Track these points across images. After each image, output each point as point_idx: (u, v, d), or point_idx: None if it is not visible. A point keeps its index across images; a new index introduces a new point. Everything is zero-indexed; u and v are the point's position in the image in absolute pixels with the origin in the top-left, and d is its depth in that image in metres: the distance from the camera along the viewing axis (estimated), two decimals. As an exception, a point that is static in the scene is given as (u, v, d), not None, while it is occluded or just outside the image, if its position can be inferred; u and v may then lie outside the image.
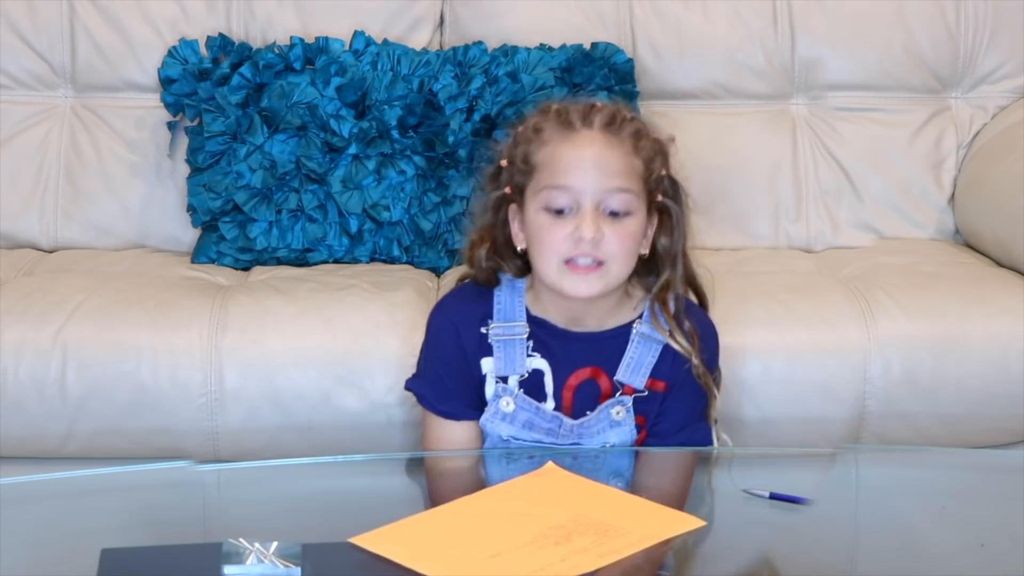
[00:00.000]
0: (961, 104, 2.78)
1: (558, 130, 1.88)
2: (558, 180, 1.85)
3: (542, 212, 1.87)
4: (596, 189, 1.85)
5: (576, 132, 1.87)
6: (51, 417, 2.23)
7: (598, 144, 1.86)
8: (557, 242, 1.86)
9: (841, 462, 2.10)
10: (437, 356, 1.97)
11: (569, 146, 1.86)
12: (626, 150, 1.87)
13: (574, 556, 1.64)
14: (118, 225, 2.65)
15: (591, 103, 1.91)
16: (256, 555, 1.57)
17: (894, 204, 2.71)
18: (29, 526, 1.79)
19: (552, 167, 1.86)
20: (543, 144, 1.88)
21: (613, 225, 1.86)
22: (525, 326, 1.94)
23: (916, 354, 2.28)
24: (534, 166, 1.88)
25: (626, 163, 1.87)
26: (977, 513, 1.83)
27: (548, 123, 1.90)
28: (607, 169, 1.86)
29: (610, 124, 1.88)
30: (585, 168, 1.85)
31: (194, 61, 2.61)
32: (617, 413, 1.94)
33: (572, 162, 1.86)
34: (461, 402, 1.96)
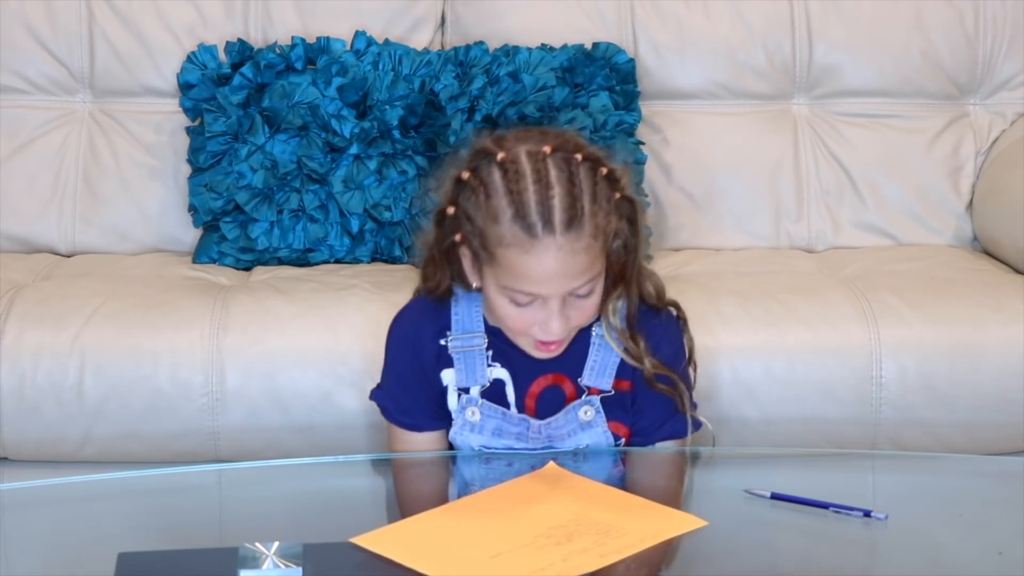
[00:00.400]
0: (979, 110, 2.78)
1: (517, 233, 1.75)
2: (521, 286, 1.78)
3: (504, 296, 1.81)
4: (561, 291, 1.79)
5: (537, 239, 1.75)
6: (68, 421, 2.23)
7: (563, 251, 1.75)
8: (522, 325, 1.82)
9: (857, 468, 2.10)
10: (397, 369, 1.95)
11: (530, 257, 1.76)
12: (587, 243, 1.77)
13: (575, 556, 1.63)
14: (136, 230, 2.65)
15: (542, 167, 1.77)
16: (272, 560, 1.57)
17: (912, 210, 2.71)
18: (46, 530, 1.79)
19: (515, 272, 1.77)
20: (503, 242, 1.76)
21: (580, 302, 1.81)
22: (484, 336, 1.90)
23: (932, 360, 2.27)
24: (492, 253, 1.78)
25: (589, 255, 1.78)
26: (995, 521, 1.82)
27: (503, 211, 1.76)
28: (573, 272, 1.78)
29: (571, 221, 1.75)
30: (550, 278, 1.77)
31: (213, 66, 2.61)
32: (585, 413, 1.92)
33: (535, 274, 1.77)
34: (423, 414, 1.94)
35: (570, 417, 1.92)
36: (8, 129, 2.67)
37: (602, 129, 2.58)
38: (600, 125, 2.58)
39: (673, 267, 2.55)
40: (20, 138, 2.67)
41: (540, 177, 1.77)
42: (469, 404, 1.91)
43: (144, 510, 1.89)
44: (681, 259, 2.60)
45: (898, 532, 1.79)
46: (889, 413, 2.27)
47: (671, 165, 2.71)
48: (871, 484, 2.08)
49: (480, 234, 1.79)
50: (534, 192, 1.76)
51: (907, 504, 1.91)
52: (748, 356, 2.27)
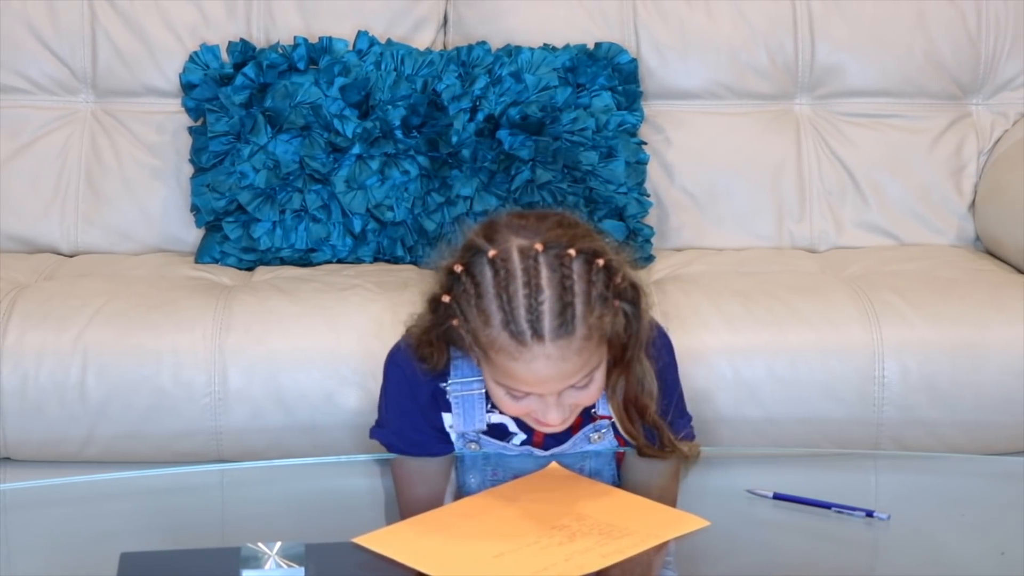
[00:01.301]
0: (982, 110, 2.78)
1: (507, 341, 1.71)
2: (515, 385, 1.75)
3: (500, 388, 1.78)
4: (556, 390, 1.75)
5: (526, 348, 1.70)
6: (71, 421, 2.23)
7: (553, 358, 1.71)
8: (519, 414, 1.80)
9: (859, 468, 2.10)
10: (397, 406, 1.92)
11: (522, 364, 1.71)
12: (580, 345, 1.72)
13: (578, 556, 1.63)
14: (138, 230, 2.65)
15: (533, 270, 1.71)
16: (274, 560, 1.57)
17: (914, 210, 2.71)
18: (49, 530, 1.80)
19: (507, 372, 1.74)
20: (493, 347, 1.72)
21: (579, 393, 1.78)
22: (482, 381, 1.85)
23: (935, 360, 2.27)
24: (486, 352, 1.74)
25: (582, 356, 1.73)
26: (997, 521, 1.82)
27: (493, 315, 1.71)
28: (567, 373, 1.73)
29: (561, 327, 1.70)
30: (543, 380, 1.73)
31: (215, 66, 2.61)
32: (597, 438, 1.91)
33: (527, 378, 1.73)
34: (430, 438, 1.91)
35: (578, 442, 1.90)
36: (10, 129, 2.67)
37: (604, 129, 2.58)
38: (602, 125, 2.58)
39: (675, 267, 2.55)
40: (22, 138, 2.67)
41: (530, 279, 1.72)
42: (468, 441, 1.90)
43: (146, 510, 1.89)
44: (683, 259, 2.60)
45: (900, 532, 1.79)
46: (891, 413, 2.27)
47: (673, 165, 2.71)
48: (873, 484, 2.08)
49: (473, 333, 1.74)
50: (523, 297, 1.71)
51: (909, 504, 1.91)
52: (750, 356, 2.27)
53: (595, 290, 1.74)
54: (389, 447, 1.94)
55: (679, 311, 2.29)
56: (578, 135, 2.57)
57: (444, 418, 1.90)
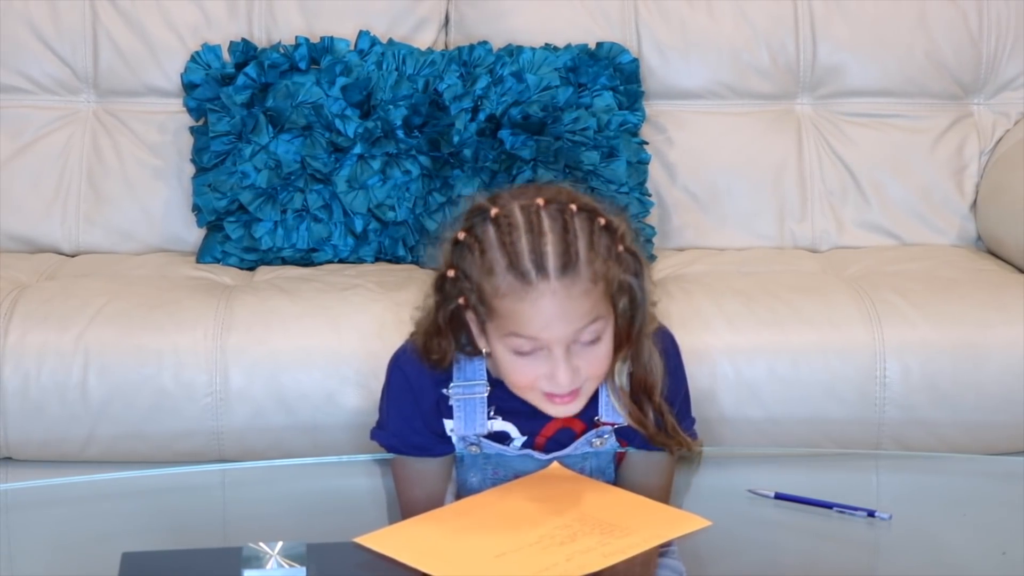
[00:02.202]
0: (983, 110, 2.78)
1: (511, 281, 1.73)
2: (522, 331, 1.74)
3: (509, 352, 1.77)
4: (564, 336, 1.74)
5: (532, 286, 1.72)
6: (72, 421, 2.23)
7: (559, 295, 1.72)
8: (529, 379, 1.78)
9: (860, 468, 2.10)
10: (400, 410, 1.92)
11: (527, 303, 1.73)
12: (585, 286, 1.74)
13: (579, 556, 1.63)
14: (140, 229, 2.65)
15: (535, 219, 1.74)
16: (276, 559, 1.57)
17: (915, 210, 2.71)
18: (50, 530, 1.80)
19: (514, 319, 1.74)
20: (498, 293, 1.74)
21: (588, 351, 1.77)
22: (486, 385, 1.87)
23: (936, 360, 2.27)
24: (492, 307, 1.76)
25: (589, 299, 1.74)
26: (999, 520, 1.82)
27: (497, 262, 1.74)
28: (572, 316, 1.74)
29: (565, 267, 1.73)
30: (550, 322, 1.73)
31: (217, 66, 2.61)
32: (599, 444, 1.90)
33: (535, 319, 1.73)
34: (430, 440, 1.91)
35: (579, 447, 1.90)
36: (12, 129, 2.67)
37: (606, 129, 2.58)
38: (604, 125, 2.58)
39: (677, 267, 2.55)
40: (24, 138, 2.67)
41: (533, 227, 1.74)
42: (469, 444, 1.89)
43: (148, 510, 1.89)
44: (685, 259, 2.60)
45: (902, 532, 1.79)
46: (893, 413, 2.27)
47: (675, 165, 2.71)
48: (875, 484, 2.08)
49: (478, 289, 1.76)
50: (527, 241, 1.73)
51: (911, 504, 1.91)
52: (752, 356, 2.27)
53: (598, 241, 1.76)
54: (389, 448, 1.94)
55: (680, 311, 2.29)
56: (579, 135, 2.56)
57: (445, 424, 1.90)
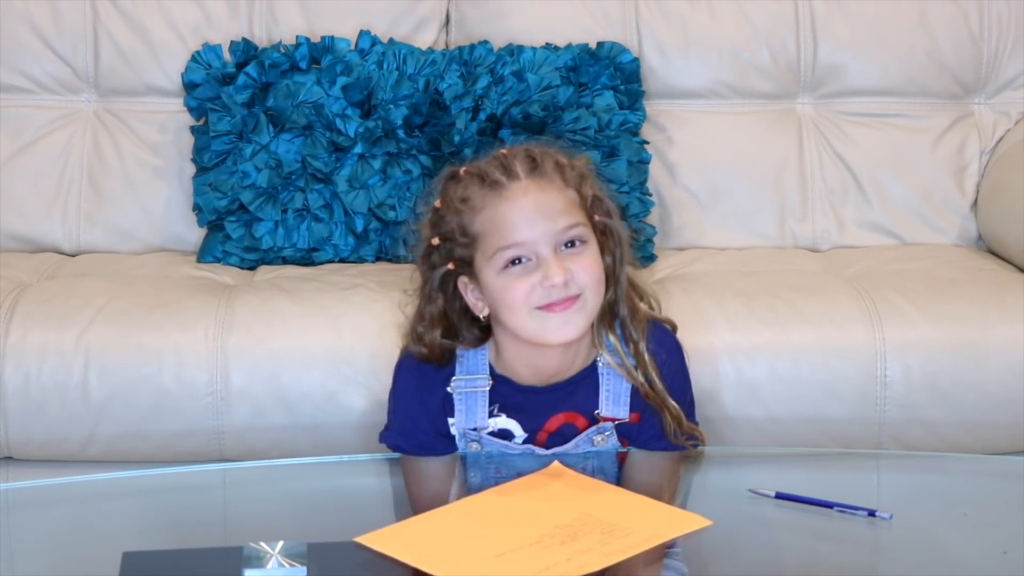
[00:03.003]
0: (984, 110, 2.78)
1: (486, 193, 1.84)
2: (508, 239, 1.81)
3: (501, 272, 1.82)
4: (548, 233, 1.81)
5: (505, 188, 1.83)
6: (73, 420, 2.23)
7: (531, 191, 1.83)
8: (526, 294, 1.82)
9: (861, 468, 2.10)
10: (405, 412, 1.94)
11: (505, 204, 1.82)
12: (558, 186, 1.84)
13: (580, 555, 1.64)
14: (140, 229, 2.65)
15: (502, 152, 1.88)
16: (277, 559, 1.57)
17: (916, 210, 2.71)
18: (51, 529, 1.80)
19: (496, 230, 1.82)
20: (476, 211, 1.84)
21: (575, 258, 1.83)
22: (488, 379, 1.89)
23: (937, 359, 2.27)
24: (476, 236, 1.84)
25: (563, 198, 1.84)
26: (999, 520, 1.82)
27: (472, 190, 1.85)
28: (550, 211, 1.82)
29: (533, 168, 1.85)
30: (530, 218, 1.81)
31: (217, 66, 2.61)
32: (600, 441, 1.91)
33: (514, 218, 1.81)
34: (435, 442, 1.93)
35: (581, 444, 1.90)
36: (12, 128, 2.67)
37: (606, 128, 2.58)
38: (604, 124, 2.58)
39: (678, 266, 2.55)
40: (24, 137, 2.67)
41: (498, 157, 1.86)
42: (471, 439, 1.90)
43: (149, 509, 1.89)
44: (686, 258, 2.60)
45: (903, 532, 1.79)
46: (894, 412, 2.27)
47: (676, 164, 2.71)
48: (875, 484, 2.08)
49: (460, 229, 1.83)
50: (495, 161, 1.86)
51: (912, 504, 1.91)
52: (753, 355, 2.27)
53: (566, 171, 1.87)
54: (395, 448, 1.95)
55: (681, 310, 2.29)
56: (580, 134, 2.56)
57: (449, 423, 1.90)
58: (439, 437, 1.91)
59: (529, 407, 1.88)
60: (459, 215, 1.84)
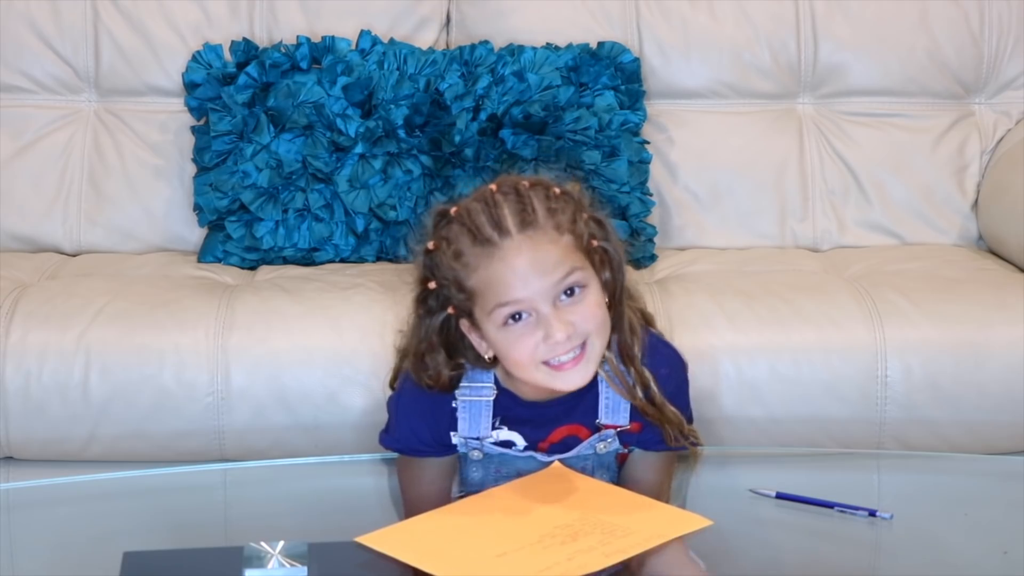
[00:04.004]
0: (985, 110, 2.78)
1: (478, 252, 1.76)
2: (504, 297, 1.76)
3: (502, 328, 1.78)
4: (545, 289, 1.75)
5: (497, 247, 1.76)
6: (74, 420, 2.23)
7: (525, 249, 1.75)
8: (531, 352, 1.77)
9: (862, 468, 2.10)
10: (408, 423, 1.91)
11: (498, 264, 1.75)
12: (551, 237, 1.77)
13: (580, 555, 1.64)
14: (141, 229, 2.65)
15: (491, 195, 1.79)
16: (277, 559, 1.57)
17: (917, 210, 2.71)
18: (52, 529, 1.80)
19: (491, 289, 1.76)
20: (470, 269, 1.77)
21: (576, 307, 1.77)
22: (493, 389, 1.87)
23: (938, 359, 2.27)
24: (472, 291, 1.78)
25: (557, 248, 1.77)
26: (1000, 520, 1.83)
27: (464, 244, 1.78)
28: (545, 266, 1.76)
29: (523, 221, 1.76)
30: (525, 277, 1.75)
31: (218, 66, 2.61)
32: (603, 448, 1.90)
33: (509, 278, 1.75)
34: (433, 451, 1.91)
35: (583, 451, 1.90)
36: (13, 128, 2.67)
37: (607, 128, 2.58)
38: (605, 124, 2.58)
39: (678, 266, 2.55)
40: (25, 137, 2.67)
41: (488, 204, 1.78)
42: (472, 447, 1.89)
43: (149, 509, 1.89)
44: (686, 258, 2.60)
45: (903, 531, 1.79)
46: (894, 412, 2.27)
47: (676, 164, 2.71)
48: (876, 483, 2.08)
49: (455, 282, 1.78)
50: (485, 215, 1.77)
51: (912, 503, 1.91)
52: (753, 355, 2.27)
53: (557, 206, 1.79)
54: (394, 451, 1.94)
55: (682, 310, 2.29)
56: (581, 134, 2.56)
57: (452, 436, 1.90)
58: (439, 447, 1.90)
59: (532, 421, 1.87)
60: (453, 269, 1.79)
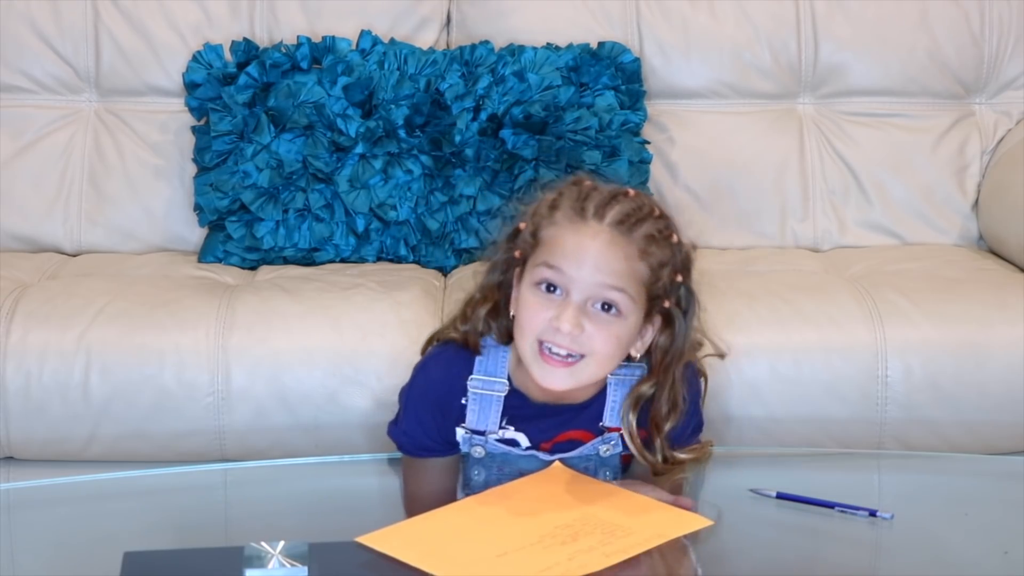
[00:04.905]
0: (985, 110, 2.78)
1: (570, 214, 1.81)
2: (554, 260, 1.79)
3: (533, 287, 1.81)
4: (588, 283, 1.78)
5: (585, 222, 1.80)
6: (74, 420, 2.23)
7: (601, 239, 1.79)
8: (538, 321, 1.80)
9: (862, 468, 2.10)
10: (416, 417, 1.92)
11: (573, 234, 1.80)
12: (630, 252, 1.80)
13: (581, 555, 1.64)
14: (141, 229, 2.65)
15: (620, 191, 1.84)
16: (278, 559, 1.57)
17: (918, 210, 2.71)
18: (52, 529, 1.80)
19: (553, 247, 1.80)
20: (553, 224, 1.82)
21: (599, 322, 1.79)
22: (505, 384, 1.88)
23: (938, 359, 2.27)
24: (539, 240, 1.83)
25: (626, 266, 1.79)
26: (1000, 520, 1.83)
27: (564, 203, 1.83)
28: (604, 267, 1.78)
29: (622, 222, 1.80)
30: (582, 258, 1.78)
31: (218, 66, 2.61)
32: (606, 451, 1.90)
33: (571, 249, 1.79)
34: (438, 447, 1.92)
35: (587, 452, 1.90)
36: (14, 128, 2.67)
37: (607, 128, 2.58)
38: (605, 124, 2.58)
39: (679, 266, 2.55)
40: (26, 137, 2.67)
41: (607, 195, 1.83)
42: (476, 443, 1.90)
43: (150, 509, 1.89)
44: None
45: (904, 531, 1.79)
46: (895, 412, 2.27)
47: (677, 164, 2.71)
48: (877, 483, 2.08)
49: (538, 225, 1.83)
50: (600, 195, 1.83)
51: (913, 503, 1.91)
52: (754, 355, 2.27)
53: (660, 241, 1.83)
54: (399, 446, 1.94)
55: (682, 310, 2.29)
56: (581, 134, 2.57)
57: (457, 432, 1.90)
58: (444, 444, 1.90)
59: (539, 422, 1.87)
60: (542, 217, 1.84)
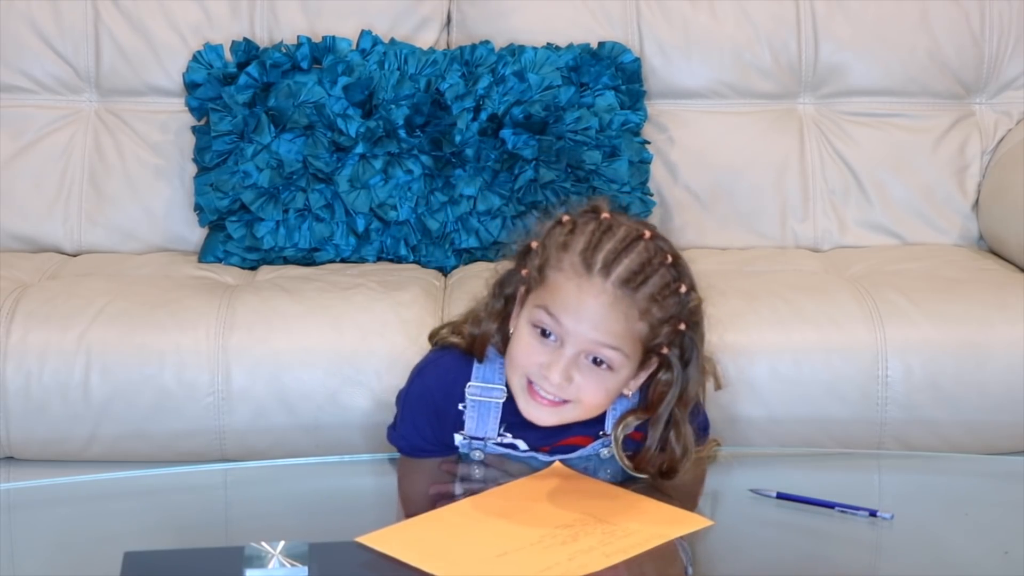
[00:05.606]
0: (985, 110, 2.78)
1: (577, 266, 1.78)
2: (554, 309, 1.77)
3: (530, 326, 1.80)
4: (584, 339, 1.76)
5: (590, 278, 1.77)
6: (74, 420, 2.23)
7: (604, 299, 1.76)
8: (529, 362, 1.79)
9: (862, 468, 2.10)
10: (413, 422, 1.92)
11: (576, 288, 1.77)
12: (631, 313, 1.77)
13: (581, 556, 1.64)
14: (142, 229, 2.65)
15: (635, 234, 1.80)
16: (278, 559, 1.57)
17: (918, 210, 2.71)
18: (52, 529, 1.80)
19: (555, 294, 1.78)
20: (560, 270, 1.78)
21: (589, 375, 1.78)
22: (503, 391, 1.87)
23: (938, 359, 2.27)
24: (544, 279, 1.80)
25: (625, 326, 1.77)
26: (1000, 520, 1.82)
27: (576, 244, 1.79)
28: (602, 326, 1.76)
29: (628, 281, 1.77)
30: (581, 314, 1.76)
31: (219, 66, 2.61)
32: (606, 454, 1.90)
33: (572, 303, 1.76)
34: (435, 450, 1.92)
35: (587, 453, 1.89)
36: (14, 128, 2.67)
37: (608, 128, 2.58)
38: (606, 124, 2.58)
39: (679, 266, 2.55)
40: (26, 137, 2.67)
41: (626, 240, 1.79)
42: (475, 447, 1.89)
43: (150, 509, 1.89)
44: (687, 258, 2.60)
45: (904, 532, 1.79)
46: (895, 412, 2.27)
47: (677, 164, 2.71)
48: (877, 484, 2.08)
49: (545, 259, 1.80)
50: (612, 245, 1.78)
51: (913, 504, 1.91)
52: (754, 355, 2.27)
53: (669, 295, 1.80)
54: (400, 451, 1.95)
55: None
56: (581, 134, 2.57)
57: (456, 437, 1.90)
58: (442, 447, 1.90)
59: (538, 429, 1.87)
60: (551, 253, 1.80)
